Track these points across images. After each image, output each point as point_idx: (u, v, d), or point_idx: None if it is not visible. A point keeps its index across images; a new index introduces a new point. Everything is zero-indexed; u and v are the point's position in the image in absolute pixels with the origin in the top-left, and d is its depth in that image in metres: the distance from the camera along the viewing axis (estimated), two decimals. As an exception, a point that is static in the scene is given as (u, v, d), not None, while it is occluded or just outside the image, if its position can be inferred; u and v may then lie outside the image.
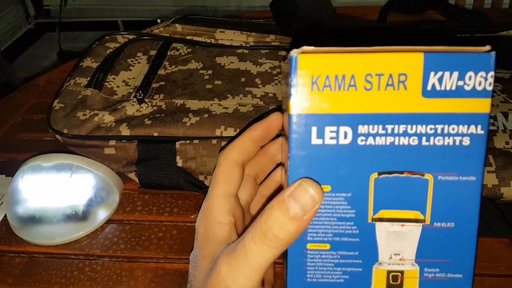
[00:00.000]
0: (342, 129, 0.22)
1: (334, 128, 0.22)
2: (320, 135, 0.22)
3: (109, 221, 0.42)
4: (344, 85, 0.21)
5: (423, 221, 0.23)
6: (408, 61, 0.21)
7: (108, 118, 0.45)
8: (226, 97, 0.47)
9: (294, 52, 0.21)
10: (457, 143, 0.22)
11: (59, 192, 0.40)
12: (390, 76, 0.21)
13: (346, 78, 0.21)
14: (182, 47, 0.55)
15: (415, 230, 0.23)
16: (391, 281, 0.23)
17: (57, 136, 0.45)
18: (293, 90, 0.22)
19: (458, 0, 0.84)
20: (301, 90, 0.22)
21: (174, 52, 0.54)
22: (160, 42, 0.57)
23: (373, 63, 0.21)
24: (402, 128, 0.22)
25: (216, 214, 0.26)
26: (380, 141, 0.22)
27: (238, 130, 0.43)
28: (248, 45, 0.57)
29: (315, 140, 0.22)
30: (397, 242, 0.23)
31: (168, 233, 0.41)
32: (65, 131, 0.44)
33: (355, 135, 0.22)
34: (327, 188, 0.23)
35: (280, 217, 0.21)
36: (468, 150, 0.22)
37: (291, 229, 0.21)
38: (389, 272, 0.23)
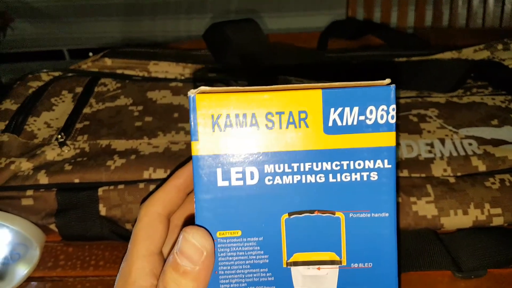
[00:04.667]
0: (248, 169, 0.23)
1: (240, 169, 0.23)
2: (226, 176, 0.23)
3: (29, 279, 0.41)
4: (246, 124, 0.22)
5: (339, 262, 0.23)
6: (306, 99, 0.22)
7: (25, 165, 0.44)
8: (157, 135, 0.47)
9: (191, 92, 0.22)
10: (365, 178, 0.23)
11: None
12: (291, 114, 0.22)
13: (247, 117, 0.22)
14: (110, 82, 0.56)
15: (332, 273, 0.23)
16: (311, 329, 0.24)
17: (-32, 188, 0.44)
18: (194, 131, 0.22)
19: (399, 22, 0.89)
20: (203, 130, 0.22)
21: (102, 88, 0.55)
22: (88, 78, 0.57)
23: (273, 101, 0.22)
24: (307, 166, 0.23)
25: (135, 277, 0.26)
26: (287, 180, 0.23)
27: (168, 171, 0.43)
28: (183, 78, 0.58)
29: (221, 182, 0.23)
30: (315, 287, 0.23)
31: (93, 289, 0.40)
32: (-24, 182, 0.43)
33: (262, 175, 0.23)
34: (237, 233, 0.23)
35: (172, 274, 0.22)
36: (378, 185, 0.23)
37: (187, 284, 0.22)
38: (309, 320, 0.24)
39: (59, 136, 0.47)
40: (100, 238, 0.42)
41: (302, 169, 0.23)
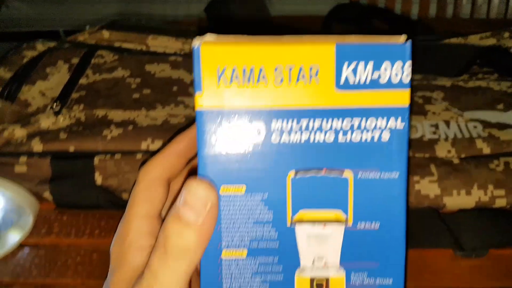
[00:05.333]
0: (255, 125, 0.22)
1: (246, 125, 0.22)
2: (231, 132, 0.22)
3: (21, 245, 0.41)
4: (253, 78, 0.22)
5: (345, 222, 0.23)
6: (319, 53, 0.22)
7: (19, 132, 0.44)
8: (155, 107, 0.47)
9: (196, 43, 0.22)
10: (376, 138, 0.23)
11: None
12: (301, 68, 0.22)
13: (255, 70, 0.22)
14: (108, 54, 0.55)
15: (337, 232, 0.23)
16: (315, 290, 0.23)
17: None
18: (198, 84, 0.22)
19: (403, 8, 0.89)
20: (208, 83, 0.22)
21: (99, 60, 0.54)
22: (85, 50, 0.56)
23: (283, 54, 0.22)
24: (317, 123, 0.22)
25: (133, 237, 0.25)
26: (294, 138, 0.22)
27: (167, 143, 0.42)
28: (183, 53, 0.57)
29: (225, 138, 0.22)
30: (320, 246, 0.23)
31: (87, 257, 0.40)
32: (-32, 147, 0.43)
33: (269, 131, 0.22)
34: (241, 189, 0.23)
35: (175, 226, 0.21)
36: (389, 145, 0.23)
37: (190, 236, 0.21)
38: (312, 279, 0.23)
39: (54, 104, 0.47)
40: (95, 207, 0.42)
41: (311, 127, 0.22)
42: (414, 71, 0.51)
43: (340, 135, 0.23)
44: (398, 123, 0.23)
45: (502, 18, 0.87)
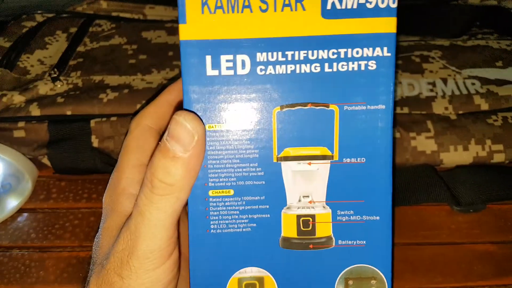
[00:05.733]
0: (239, 57, 0.22)
1: (231, 57, 0.22)
2: (216, 65, 0.22)
3: (20, 210, 0.41)
4: (238, 5, 0.22)
5: (331, 157, 0.23)
6: None
7: (18, 98, 0.44)
8: (151, 71, 0.46)
9: None
10: (363, 67, 0.22)
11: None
12: None
13: None
14: (105, 23, 0.55)
15: (323, 168, 0.23)
16: (302, 227, 0.23)
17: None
18: (181, 13, 0.22)
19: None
20: (191, 12, 0.22)
21: (96, 28, 0.54)
22: (83, 19, 0.56)
23: None
24: (302, 54, 0.22)
25: (125, 184, 0.25)
26: (280, 69, 0.22)
27: (163, 105, 0.42)
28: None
29: (210, 71, 0.22)
30: (306, 183, 0.23)
31: (85, 220, 0.40)
32: (-32, 113, 0.43)
33: (254, 64, 0.22)
34: (226, 126, 0.23)
35: (161, 160, 0.21)
36: (375, 75, 0.22)
37: (177, 171, 0.21)
38: (299, 216, 0.23)
39: (52, 71, 0.47)
40: (93, 171, 0.42)
41: (296, 58, 0.22)
42: (412, 32, 0.51)
43: (327, 65, 0.22)
44: (385, 51, 0.22)
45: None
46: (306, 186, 0.23)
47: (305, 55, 0.22)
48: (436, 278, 0.33)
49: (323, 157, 0.23)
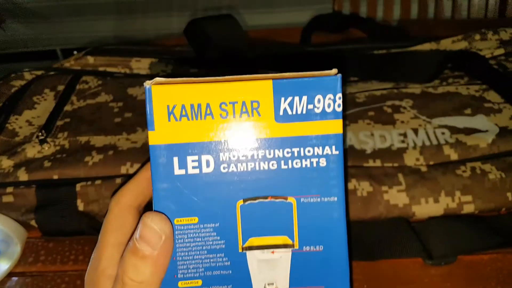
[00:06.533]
0: (204, 157, 0.24)
1: (196, 158, 0.24)
2: (182, 165, 0.24)
3: (10, 274, 0.41)
4: (201, 114, 0.23)
5: (292, 246, 0.24)
6: (258, 89, 0.23)
7: (6, 163, 0.45)
8: (136, 130, 0.48)
9: (147, 84, 0.23)
10: (314, 165, 0.24)
11: None
12: (244, 103, 0.23)
13: (202, 107, 0.23)
14: (92, 80, 0.56)
15: (285, 256, 0.24)
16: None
17: None
18: (150, 121, 0.23)
19: (385, 15, 0.90)
20: (159, 120, 0.23)
21: (83, 86, 0.55)
22: (70, 76, 0.58)
23: (226, 91, 0.23)
24: (260, 153, 0.24)
25: (104, 265, 0.26)
26: (241, 167, 0.24)
27: (146, 165, 0.44)
28: (165, 74, 0.58)
29: (177, 171, 0.24)
30: (270, 271, 0.24)
31: (72, 284, 0.41)
32: (-44, 180, 0.44)
33: (218, 162, 0.24)
34: (194, 219, 0.24)
35: (131, 259, 0.22)
36: (326, 171, 0.24)
37: (146, 269, 0.22)
38: (265, 304, 0.25)
39: (40, 133, 0.48)
40: (79, 233, 0.43)
41: (255, 157, 0.24)
42: (385, 79, 0.53)
43: (282, 163, 0.24)
44: (333, 150, 0.24)
45: (483, 17, 0.88)
46: (270, 273, 0.24)
47: (262, 154, 0.24)
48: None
49: (285, 246, 0.24)
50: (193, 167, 0.24)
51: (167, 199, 0.24)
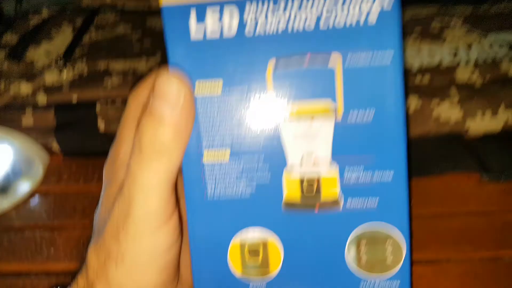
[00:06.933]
0: (226, 17, 0.20)
1: (216, 17, 0.20)
2: (200, 27, 0.20)
3: (33, 194, 0.40)
4: None
5: (335, 111, 0.20)
6: None
7: (25, 88, 0.43)
8: (156, 53, 0.45)
9: None
10: (362, 21, 0.19)
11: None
12: None
13: None
14: (110, 15, 0.54)
15: (327, 123, 0.20)
16: (305, 192, 0.21)
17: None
18: None
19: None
20: None
21: (102, 19, 0.53)
22: (89, 11, 0.55)
23: None
24: (295, 7, 0.19)
25: (123, 156, 0.24)
26: (270, 28, 0.20)
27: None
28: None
29: (194, 35, 0.20)
30: (308, 140, 0.20)
31: (96, 201, 0.38)
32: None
33: (242, 23, 0.20)
34: (218, 83, 0.20)
35: (149, 121, 0.19)
36: (380, 23, 0.19)
37: (166, 134, 0.19)
38: (302, 179, 0.21)
39: (59, 61, 0.46)
40: (101, 154, 0.40)
41: (287, 14, 0.19)
42: (431, 1, 0.48)
43: (322, 20, 0.20)
44: (386, 3, 0.19)
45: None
46: (308, 143, 0.20)
47: (297, 8, 0.19)
48: (465, 248, 0.30)
49: (326, 113, 0.20)
50: (212, 31, 0.20)
51: (185, 60, 0.20)
